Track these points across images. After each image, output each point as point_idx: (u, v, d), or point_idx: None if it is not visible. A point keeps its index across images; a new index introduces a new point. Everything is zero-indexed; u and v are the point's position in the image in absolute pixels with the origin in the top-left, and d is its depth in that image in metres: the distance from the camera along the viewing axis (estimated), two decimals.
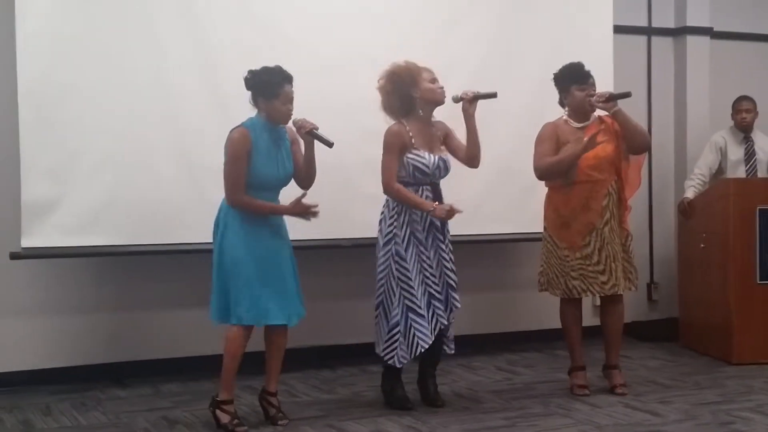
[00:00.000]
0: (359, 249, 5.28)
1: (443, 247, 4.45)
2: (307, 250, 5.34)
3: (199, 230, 4.57)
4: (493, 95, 4.41)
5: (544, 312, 5.55)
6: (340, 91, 5.16)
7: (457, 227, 5.28)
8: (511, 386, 5.01)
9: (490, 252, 6.05)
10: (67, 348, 5.14)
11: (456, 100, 4.43)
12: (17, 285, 5.04)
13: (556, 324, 4.91)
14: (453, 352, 4.54)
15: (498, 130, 5.65)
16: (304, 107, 4.71)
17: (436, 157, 4.42)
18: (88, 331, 5.18)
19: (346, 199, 5.11)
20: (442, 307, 4.41)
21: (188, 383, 5.07)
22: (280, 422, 4.19)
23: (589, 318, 5.28)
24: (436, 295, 4.39)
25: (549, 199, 4.81)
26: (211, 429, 4.12)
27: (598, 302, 5.00)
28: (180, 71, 5.00)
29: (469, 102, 4.40)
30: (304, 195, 4.11)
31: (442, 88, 4.41)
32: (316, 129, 4.14)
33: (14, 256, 4.80)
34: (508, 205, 5.67)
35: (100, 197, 4.86)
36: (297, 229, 5.04)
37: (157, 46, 4.96)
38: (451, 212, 4.30)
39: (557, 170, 4.65)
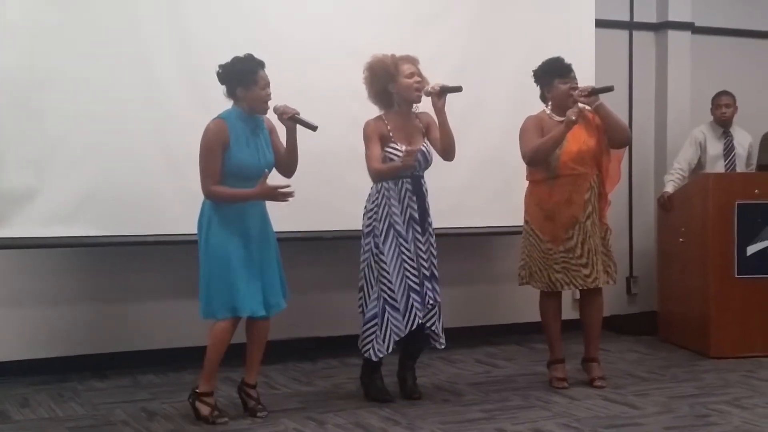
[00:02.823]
0: (341, 241, 5.28)
1: (421, 239, 4.41)
2: (289, 241, 5.33)
3: (181, 221, 4.56)
4: (458, 89, 4.35)
5: (524, 305, 5.57)
6: (322, 83, 5.14)
7: (438, 220, 5.29)
8: (490, 379, 5.03)
9: (470, 245, 6.06)
10: (46, 339, 5.10)
11: (426, 94, 4.38)
12: None
13: (536, 317, 4.92)
14: (443, 347, 4.49)
15: (480, 124, 5.67)
16: (287, 99, 4.71)
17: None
18: (67, 322, 5.15)
19: (329, 190, 5.10)
20: (420, 300, 4.37)
21: (168, 374, 5.05)
22: (259, 414, 4.18)
23: (569, 311, 5.31)
24: (415, 287, 4.36)
25: (530, 193, 4.81)
26: (190, 421, 4.10)
27: (578, 296, 5.02)
28: (162, 61, 4.97)
29: (437, 96, 4.34)
30: (265, 177, 4.04)
31: (419, 83, 4.36)
32: (298, 114, 4.12)
33: None
34: (490, 198, 5.68)
35: (80, 187, 4.82)
36: (278, 220, 5.05)
37: (140, 35, 4.92)
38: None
39: (545, 150, 4.61)
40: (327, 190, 5.10)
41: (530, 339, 5.90)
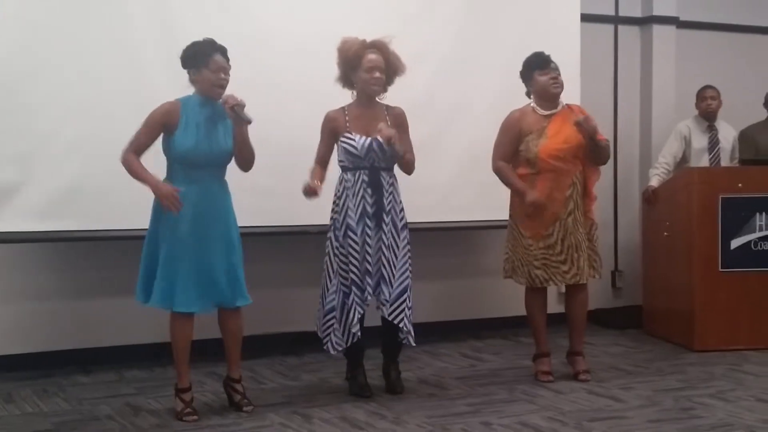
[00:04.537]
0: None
1: (370, 234, 4.33)
2: (274, 236, 5.35)
3: None
4: (397, 149, 4.26)
5: (510, 299, 5.58)
6: (307, 74, 5.13)
7: (425, 215, 5.31)
8: (476, 373, 5.03)
9: (456, 239, 6.06)
10: (30, 334, 5.08)
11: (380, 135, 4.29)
12: None
13: (522, 311, 4.93)
14: (413, 344, 4.44)
15: (467, 119, 5.69)
16: (273, 90, 4.70)
17: (368, 140, 4.33)
18: (52, 316, 5.12)
19: None
20: (360, 295, 4.31)
21: (153, 370, 5.04)
22: (245, 408, 4.17)
23: (554, 305, 5.32)
24: (358, 282, 4.32)
25: None
26: (175, 416, 4.09)
27: (563, 290, 5.03)
28: (150, 57, 4.94)
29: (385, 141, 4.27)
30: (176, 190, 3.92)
31: (377, 79, 4.32)
32: (240, 106, 4.00)
33: None
34: (477, 193, 5.67)
35: (66, 182, 4.80)
36: (265, 215, 5.05)
37: (127, 31, 4.91)
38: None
39: (503, 182, 4.77)
40: None
41: (516, 333, 5.91)
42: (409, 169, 4.49)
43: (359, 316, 4.34)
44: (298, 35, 5.22)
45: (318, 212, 5.03)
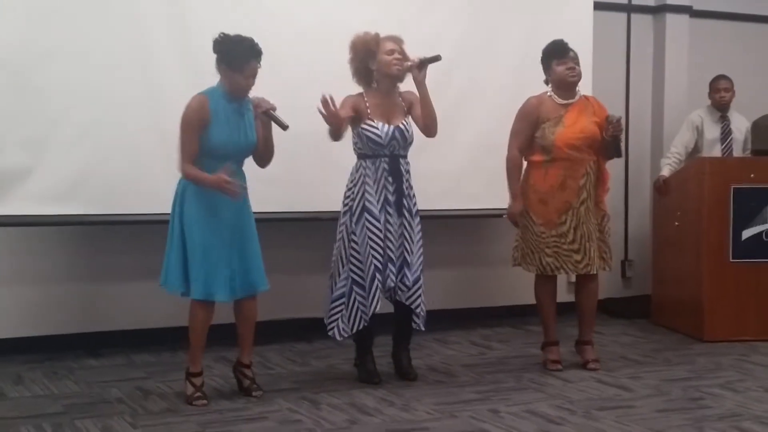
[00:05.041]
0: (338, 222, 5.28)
1: (392, 222, 4.35)
2: (286, 222, 5.35)
3: None
4: (437, 58, 4.30)
5: (519, 288, 5.58)
6: (319, 64, 5.13)
7: (435, 203, 5.31)
8: (484, 361, 5.04)
9: (466, 227, 6.06)
10: (40, 317, 5.11)
11: (407, 68, 4.34)
12: None
13: (531, 300, 4.93)
14: (422, 329, 4.47)
15: (478, 107, 5.67)
16: (282, 79, 4.70)
17: (391, 128, 4.35)
18: (61, 300, 5.15)
19: (326, 172, 5.09)
20: (382, 281, 4.31)
21: (162, 354, 5.06)
22: (254, 393, 4.19)
23: (564, 294, 5.32)
24: (380, 266, 4.32)
25: (527, 175, 4.81)
26: (185, 400, 4.10)
27: (573, 279, 5.03)
28: (159, 43, 4.95)
29: (417, 68, 4.31)
30: (227, 170, 3.94)
31: (399, 59, 4.34)
32: (273, 109, 4.07)
33: None
34: (487, 181, 5.66)
35: (76, 166, 4.81)
36: (276, 201, 5.06)
37: (137, 17, 4.91)
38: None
39: (507, 177, 4.76)
40: (324, 171, 5.09)
41: (525, 321, 5.92)
42: (434, 124, 4.41)
43: (376, 305, 4.34)
44: (303, 24, 5.21)
45: (329, 198, 5.06)
